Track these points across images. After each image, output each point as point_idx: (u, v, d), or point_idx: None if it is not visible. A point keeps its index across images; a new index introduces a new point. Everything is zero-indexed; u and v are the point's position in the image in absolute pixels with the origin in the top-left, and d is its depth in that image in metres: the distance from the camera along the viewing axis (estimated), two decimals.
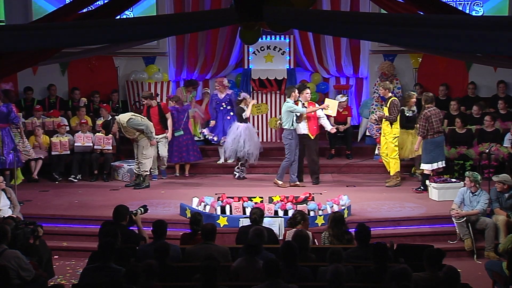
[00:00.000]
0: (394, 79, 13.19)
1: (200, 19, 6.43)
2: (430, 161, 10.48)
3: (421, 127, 10.44)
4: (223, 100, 12.07)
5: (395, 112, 10.85)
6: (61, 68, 13.53)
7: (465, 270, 8.17)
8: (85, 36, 6.23)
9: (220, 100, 12.09)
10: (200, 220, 7.47)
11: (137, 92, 13.18)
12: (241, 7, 5.76)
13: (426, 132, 10.41)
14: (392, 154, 10.99)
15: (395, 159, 10.99)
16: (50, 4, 13.00)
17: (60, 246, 9.08)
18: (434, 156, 10.46)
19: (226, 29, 13.55)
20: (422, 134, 10.45)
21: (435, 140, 10.46)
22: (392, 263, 6.31)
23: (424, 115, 10.44)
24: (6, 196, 8.98)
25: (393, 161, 11.01)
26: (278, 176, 11.12)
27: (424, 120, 10.42)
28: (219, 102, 12.10)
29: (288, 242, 6.43)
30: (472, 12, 13.02)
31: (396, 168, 11.02)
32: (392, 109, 10.84)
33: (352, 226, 7.76)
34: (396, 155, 10.97)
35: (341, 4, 13.43)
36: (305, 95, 11.13)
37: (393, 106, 10.84)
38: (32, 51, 7.00)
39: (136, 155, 11.20)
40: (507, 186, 9.00)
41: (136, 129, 11.03)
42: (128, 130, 11.08)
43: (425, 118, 10.42)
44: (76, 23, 6.79)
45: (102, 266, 6.15)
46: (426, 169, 10.52)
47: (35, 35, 6.12)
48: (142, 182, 11.18)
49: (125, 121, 11.01)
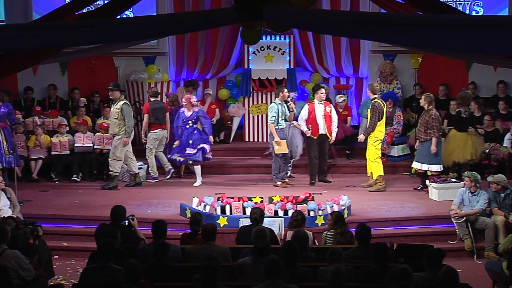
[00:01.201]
0: (394, 79, 13.20)
1: (200, 19, 6.43)
2: (439, 162, 10.48)
3: (436, 128, 10.32)
4: (190, 118, 11.26)
5: (376, 114, 10.69)
6: (61, 68, 13.53)
7: (465, 270, 8.19)
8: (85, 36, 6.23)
9: (186, 118, 11.27)
10: (200, 220, 7.47)
11: (137, 92, 13.18)
12: (241, 7, 5.76)
13: (438, 132, 10.38)
14: (373, 157, 10.83)
15: (376, 163, 10.80)
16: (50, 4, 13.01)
17: (60, 246, 9.07)
18: (440, 157, 10.49)
19: (226, 29, 13.56)
20: (439, 135, 10.39)
21: (439, 141, 10.48)
22: (392, 263, 6.32)
23: (435, 115, 10.36)
24: (6, 196, 8.98)
25: (375, 164, 10.83)
26: (275, 178, 11.15)
27: (437, 121, 10.36)
28: (186, 120, 11.27)
29: (289, 242, 6.44)
30: (472, 12, 13.03)
31: (378, 172, 10.82)
32: (373, 111, 10.75)
33: (352, 226, 7.77)
34: (378, 158, 10.78)
35: (341, 4, 13.44)
36: (319, 95, 11.12)
37: (373, 108, 10.74)
38: (32, 51, 7.01)
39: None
40: (501, 187, 9.00)
41: (123, 117, 11.00)
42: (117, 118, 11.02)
43: (437, 119, 10.37)
44: (76, 23, 6.79)
45: (102, 266, 6.15)
46: (435, 170, 10.47)
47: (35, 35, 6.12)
48: (111, 182, 11.15)
49: (121, 103, 11.06)
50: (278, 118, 10.98)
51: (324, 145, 11.27)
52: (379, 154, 10.81)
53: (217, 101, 13.91)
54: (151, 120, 11.55)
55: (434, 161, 10.46)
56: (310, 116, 11.10)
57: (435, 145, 10.35)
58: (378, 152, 10.79)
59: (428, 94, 10.87)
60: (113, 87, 11.27)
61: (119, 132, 11.08)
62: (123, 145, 11.11)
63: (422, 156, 10.54)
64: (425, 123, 10.43)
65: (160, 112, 11.60)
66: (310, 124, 11.07)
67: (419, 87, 13.06)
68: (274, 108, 10.99)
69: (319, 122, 11.06)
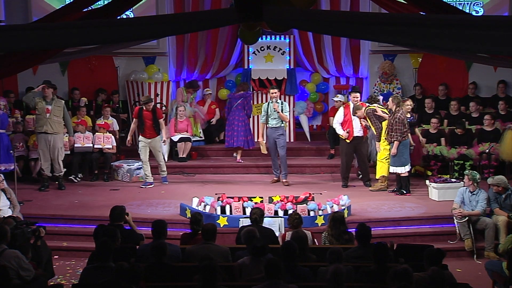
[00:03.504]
0: (394, 79, 13.20)
1: (200, 19, 6.43)
2: (403, 164, 10.43)
3: (398, 131, 10.28)
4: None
5: (373, 119, 10.73)
6: (61, 68, 13.53)
7: (465, 270, 8.20)
8: (85, 36, 6.22)
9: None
10: (201, 220, 7.47)
11: (137, 92, 13.18)
12: (241, 7, 5.75)
13: (402, 135, 10.34)
14: (381, 157, 10.78)
15: (382, 162, 10.77)
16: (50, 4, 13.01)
17: (60, 246, 9.07)
18: (406, 158, 10.44)
19: (226, 29, 13.56)
20: (400, 138, 10.31)
21: (405, 142, 10.43)
22: (392, 263, 6.31)
23: (399, 119, 10.32)
24: (6, 196, 8.98)
25: (380, 164, 10.81)
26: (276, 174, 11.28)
27: (400, 124, 10.31)
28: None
29: (288, 242, 6.43)
30: (472, 12, 13.03)
31: (382, 172, 10.79)
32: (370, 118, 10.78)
33: (352, 226, 7.77)
34: (385, 159, 10.71)
35: (341, 4, 13.45)
36: (353, 98, 11.13)
37: (369, 116, 10.76)
38: (32, 51, 7.00)
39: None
40: (501, 188, 9.00)
41: (63, 114, 10.95)
42: (60, 116, 10.94)
43: (400, 122, 10.31)
44: (76, 23, 6.78)
45: (102, 266, 6.15)
46: (401, 172, 10.46)
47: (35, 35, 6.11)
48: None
49: (63, 102, 11.09)
50: (267, 117, 11.01)
51: (361, 148, 11.18)
52: (386, 155, 10.71)
53: (217, 101, 13.92)
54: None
55: (398, 163, 10.43)
56: (345, 118, 11.10)
57: (396, 148, 10.32)
58: (386, 152, 10.71)
59: (395, 96, 10.89)
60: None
61: (59, 132, 10.99)
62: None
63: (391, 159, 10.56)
64: (390, 125, 10.42)
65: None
66: (348, 127, 11.06)
67: (419, 87, 13.06)
68: (264, 107, 11.17)
69: (355, 124, 11.03)
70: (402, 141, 10.35)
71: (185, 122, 12.74)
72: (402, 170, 10.44)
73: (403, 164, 10.41)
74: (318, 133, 13.93)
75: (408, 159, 10.46)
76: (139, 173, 11.65)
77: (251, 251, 6.40)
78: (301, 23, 6.28)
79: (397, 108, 10.40)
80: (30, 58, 7.23)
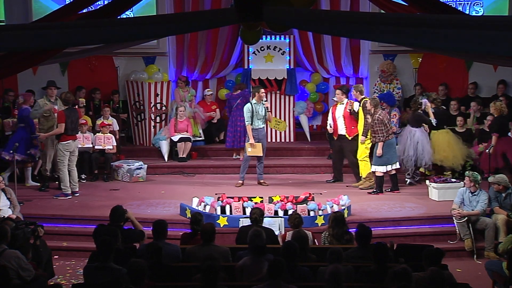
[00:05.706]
0: (394, 79, 13.20)
1: (200, 19, 6.43)
2: (384, 163, 10.47)
3: (380, 132, 10.35)
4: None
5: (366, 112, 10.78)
6: (61, 68, 13.52)
7: (465, 270, 8.20)
8: (85, 36, 6.23)
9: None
10: (201, 220, 7.47)
11: (137, 92, 13.17)
12: (241, 7, 5.76)
13: (385, 135, 10.38)
14: (361, 156, 10.89)
15: (364, 161, 10.86)
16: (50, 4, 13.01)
17: (60, 246, 9.07)
18: (388, 158, 10.47)
19: (226, 29, 13.56)
20: (384, 139, 10.36)
21: (389, 142, 10.47)
22: (392, 263, 6.32)
23: (378, 120, 10.38)
24: (6, 196, 8.97)
25: (363, 163, 10.90)
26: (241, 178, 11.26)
27: (380, 125, 10.36)
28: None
29: (289, 242, 6.44)
30: (472, 12, 13.03)
31: (367, 170, 10.86)
32: (364, 110, 10.80)
33: (352, 226, 7.77)
34: (366, 157, 10.82)
35: (341, 4, 13.44)
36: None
37: (364, 108, 10.79)
38: (32, 51, 7.00)
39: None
40: (502, 187, 9.01)
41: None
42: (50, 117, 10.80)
43: (380, 123, 10.37)
44: (76, 23, 6.79)
45: (103, 266, 6.15)
46: (380, 171, 10.50)
47: (35, 35, 6.12)
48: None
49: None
50: (253, 119, 10.96)
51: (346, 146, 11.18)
52: (367, 153, 10.83)
53: (217, 101, 13.91)
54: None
55: (378, 162, 10.48)
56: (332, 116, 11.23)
57: (381, 148, 10.38)
58: (366, 151, 10.83)
59: (373, 98, 11.01)
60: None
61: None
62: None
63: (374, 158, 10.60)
64: (371, 127, 10.51)
65: (75, 120, 10.75)
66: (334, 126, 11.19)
67: (419, 87, 13.06)
68: (248, 109, 11.00)
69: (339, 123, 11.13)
70: (386, 141, 10.40)
71: (185, 122, 12.74)
72: (383, 169, 10.48)
73: (384, 163, 10.46)
74: (318, 133, 13.92)
75: (391, 159, 10.50)
76: (139, 173, 11.66)
77: (251, 249, 6.40)
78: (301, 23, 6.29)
79: (375, 109, 10.48)
80: (30, 58, 7.23)
